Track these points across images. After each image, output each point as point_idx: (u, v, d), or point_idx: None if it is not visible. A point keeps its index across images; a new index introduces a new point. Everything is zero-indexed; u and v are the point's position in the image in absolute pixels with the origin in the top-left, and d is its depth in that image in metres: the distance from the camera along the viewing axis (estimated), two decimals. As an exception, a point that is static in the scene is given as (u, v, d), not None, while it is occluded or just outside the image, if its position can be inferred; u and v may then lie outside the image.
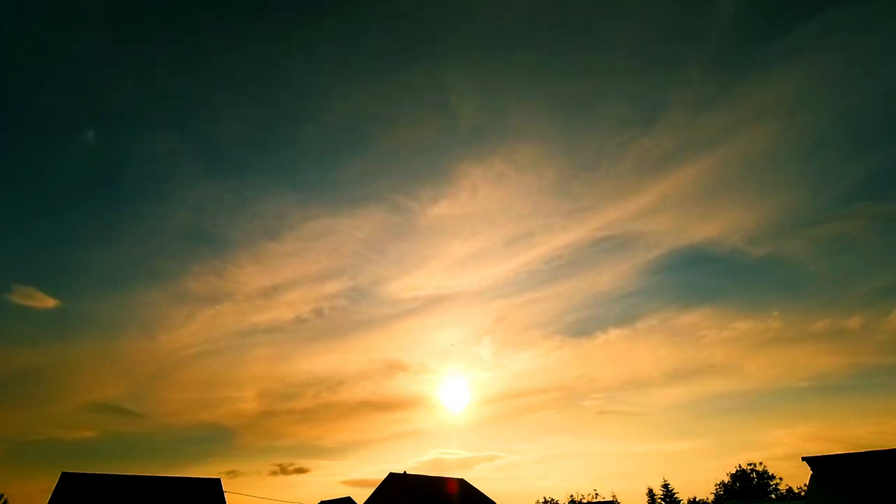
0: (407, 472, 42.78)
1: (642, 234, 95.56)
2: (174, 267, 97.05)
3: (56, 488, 29.64)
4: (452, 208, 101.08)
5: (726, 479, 63.09)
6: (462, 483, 48.05)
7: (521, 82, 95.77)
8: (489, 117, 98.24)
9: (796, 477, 72.63)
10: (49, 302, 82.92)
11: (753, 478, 61.76)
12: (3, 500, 29.56)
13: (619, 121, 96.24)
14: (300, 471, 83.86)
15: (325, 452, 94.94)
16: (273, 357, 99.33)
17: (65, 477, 30.42)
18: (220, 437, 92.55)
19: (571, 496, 69.64)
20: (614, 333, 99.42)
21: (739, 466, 63.35)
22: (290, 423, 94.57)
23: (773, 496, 58.61)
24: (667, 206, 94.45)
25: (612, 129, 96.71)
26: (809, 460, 27.89)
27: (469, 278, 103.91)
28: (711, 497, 63.82)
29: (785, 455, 77.98)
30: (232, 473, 76.61)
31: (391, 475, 42.36)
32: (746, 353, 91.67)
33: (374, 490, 42.79)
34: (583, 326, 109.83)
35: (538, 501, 71.73)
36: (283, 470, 78.85)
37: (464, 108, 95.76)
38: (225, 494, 35.48)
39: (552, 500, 71.00)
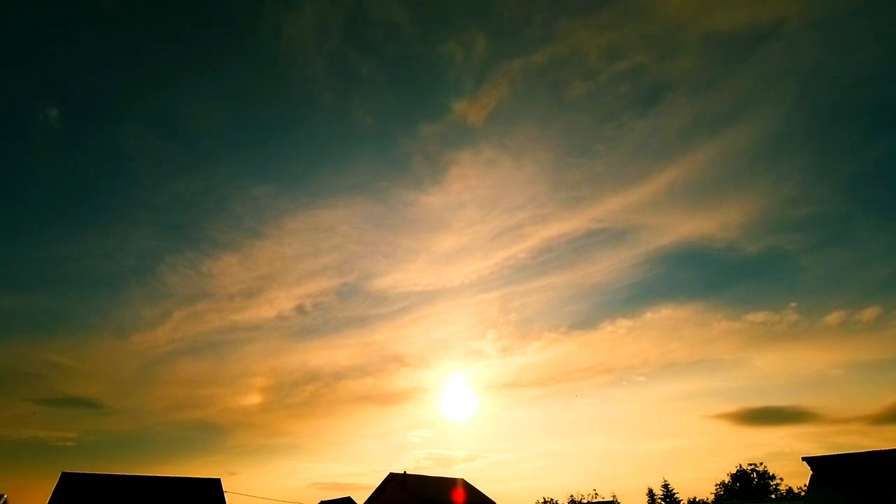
0: (406, 472, 42.85)
1: (643, 226, 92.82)
2: (149, 265, 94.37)
3: (56, 488, 29.69)
4: (445, 197, 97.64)
5: (726, 479, 63.18)
6: (462, 483, 48.05)
7: (518, 56, 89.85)
8: (485, 95, 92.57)
9: (796, 476, 72.69)
10: (7, 299, 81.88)
11: (753, 478, 61.78)
12: (3, 501, 29.65)
13: (618, 101, 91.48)
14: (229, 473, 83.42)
15: (296, 451, 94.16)
16: (257, 355, 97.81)
17: (65, 477, 30.47)
18: (201, 436, 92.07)
19: (571, 496, 69.75)
20: (613, 327, 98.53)
21: (740, 466, 63.48)
22: (280, 421, 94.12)
23: (773, 496, 58.60)
24: (668, 196, 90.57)
25: (611, 111, 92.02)
26: (809, 460, 27.86)
27: (458, 271, 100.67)
28: (711, 497, 63.92)
29: (787, 454, 77.99)
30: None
31: (391, 475, 42.41)
32: (756, 348, 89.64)
33: (374, 490, 42.87)
34: (583, 320, 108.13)
35: (538, 502, 71.91)
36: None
37: (462, 86, 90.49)
38: (225, 494, 35.53)
39: (552, 500, 71.14)
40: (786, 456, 77.97)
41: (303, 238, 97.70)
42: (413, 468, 75.11)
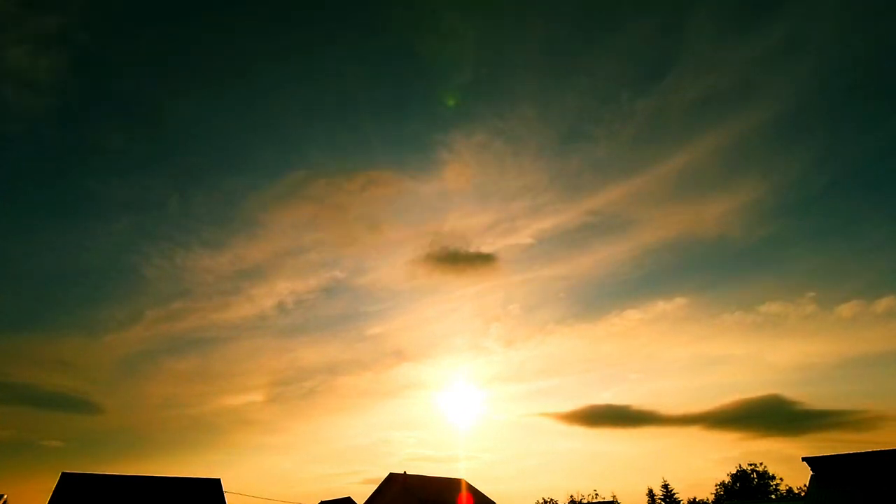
0: (407, 472, 42.88)
1: (646, 218, 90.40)
2: (120, 262, 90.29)
3: (56, 488, 29.69)
4: (438, 185, 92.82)
5: (726, 480, 63.28)
6: (463, 483, 48.09)
7: (516, 28, 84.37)
8: (485, 72, 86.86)
9: (796, 475, 72.42)
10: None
11: (754, 478, 61.86)
12: (3, 501, 29.66)
13: (619, 79, 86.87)
14: (222, 472, 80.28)
15: (292, 450, 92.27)
16: (248, 353, 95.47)
17: (65, 477, 30.47)
18: (192, 435, 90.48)
19: (571, 496, 69.86)
20: (621, 319, 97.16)
21: (739, 466, 63.55)
22: (274, 419, 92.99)
23: (773, 496, 58.66)
24: (671, 187, 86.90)
25: (610, 91, 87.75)
26: (809, 460, 27.86)
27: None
28: (711, 497, 64.02)
29: (789, 453, 77.34)
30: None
31: (392, 475, 42.45)
32: (766, 342, 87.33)
33: (374, 490, 42.90)
34: (587, 311, 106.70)
35: (538, 502, 72.01)
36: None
37: (462, 61, 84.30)
38: (225, 495, 35.53)
39: (552, 500, 71.26)
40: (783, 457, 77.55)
41: (289, 232, 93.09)
42: (412, 468, 75.08)
